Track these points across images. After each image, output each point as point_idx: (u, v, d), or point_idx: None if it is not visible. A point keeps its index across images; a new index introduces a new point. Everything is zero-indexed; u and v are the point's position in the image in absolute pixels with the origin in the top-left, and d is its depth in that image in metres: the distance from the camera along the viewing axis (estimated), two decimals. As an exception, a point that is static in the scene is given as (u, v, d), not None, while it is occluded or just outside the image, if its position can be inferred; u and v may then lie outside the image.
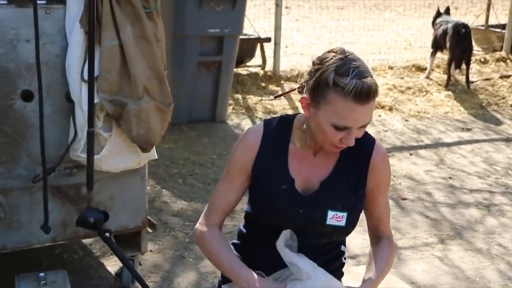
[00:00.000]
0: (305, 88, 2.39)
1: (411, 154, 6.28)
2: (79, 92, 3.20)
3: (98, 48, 3.19)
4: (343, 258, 2.70)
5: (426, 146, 6.53)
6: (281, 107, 7.64)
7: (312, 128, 2.42)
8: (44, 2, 3.23)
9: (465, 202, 5.25)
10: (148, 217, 3.80)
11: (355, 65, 2.30)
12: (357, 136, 2.38)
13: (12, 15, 3.14)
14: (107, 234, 3.18)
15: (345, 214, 2.48)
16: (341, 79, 2.26)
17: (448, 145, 6.59)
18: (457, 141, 6.73)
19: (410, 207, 5.11)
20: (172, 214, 4.78)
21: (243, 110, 7.16)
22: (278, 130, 2.56)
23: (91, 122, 3.15)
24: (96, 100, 3.20)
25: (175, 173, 5.48)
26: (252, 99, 7.52)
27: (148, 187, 5.07)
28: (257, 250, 2.56)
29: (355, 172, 2.52)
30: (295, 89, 2.57)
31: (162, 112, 3.42)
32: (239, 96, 7.49)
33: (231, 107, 7.10)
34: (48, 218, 3.28)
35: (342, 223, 2.48)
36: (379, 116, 7.35)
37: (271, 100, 6.80)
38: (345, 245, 2.72)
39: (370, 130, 6.63)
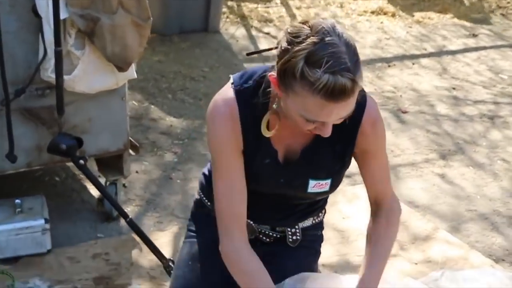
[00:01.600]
0: (276, 61, 2.05)
1: (413, 64, 6.10)
2: (46, 6, 3.03)
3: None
4: (324, 206, 2.62)
5: (429, 55, 6.34)
6: (277, 14, 7.36)
7: (283, 109, 2.14)
8: None
9: (468, 115, 5.12)
10: (131, 138, 3.66)
11: (331, 53, 1.93)
12: (335, 123, 2.11)
13: None
14: (82, 162, 3.07)
15: (328, 181, 2.34)
16: (310, 72, 1.92)
17: (453, 53, 6.40)
18: (462, 48, 6.53)
19: (410, 121, 4.98)
20: (160, 132, 4.65)
21: (238, 19, 6.92)
22: (254, 98, 2.29)
23: (58, 40, 2.99)
24: (65, 15, 3.04)
25: (165, 87, 5.33)
26: (247, 7, 7.26)
27: (136, 103, 4.98)
28: None
29: (341, 140, 2.31)
30: (271, 49, 2.29)
31: (139, 27, 3.26)
32: (233, 3, 7.26)
33: (225, 15, 6.86)
34: (13, 146, 3.18)
35: (326, 188, 2.35)
36: (381, 23, 7.11)
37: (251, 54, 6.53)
38: (326, 202, 2.65)
39: (371, 37, 6.64)
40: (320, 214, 2.63)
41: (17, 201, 3.32)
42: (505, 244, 3.65)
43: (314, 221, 2.60)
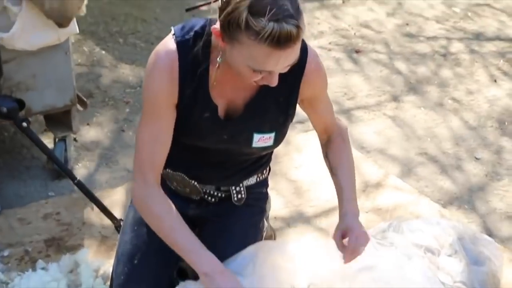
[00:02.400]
0: (218, 14, 2.03)
1: (366, -1, 6.01)
2: None
3: None
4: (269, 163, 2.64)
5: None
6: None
7: (228, 61, 2.13)
8: None
9: (420, 53, 5.11)
10: (78, 93, 3.60)
11: (273, 1, 1.93)
12: (282, 71, 2.13)
13: None
14: (25, 124, 3.01)
15: (272, 135, 2.36)
16: (254, 21, 1.92)
17: None
18: None
19: (363, 61, 4.96)
20: (112, 80, 4.58)
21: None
22: (194, 51, 2.30)
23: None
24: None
25: (116, 31, 5.24)
26: None
27: (86, 49, 4.89)
28: (173, 157, 2.38)
29: (284, 91, 2.30)
30: (209, 3, 2.29)
31: None
32: None
33: None
34: None
35: (270, 143, 2.37)
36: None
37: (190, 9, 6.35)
38: (270, 158, 2.67)
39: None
40: (265, 171, 2.65)
41: None
42: (453, 188, 3.69)
43: (258, 179, 2.61)
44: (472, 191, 3.65)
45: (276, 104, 2.33)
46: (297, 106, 2.37)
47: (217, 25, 2.04)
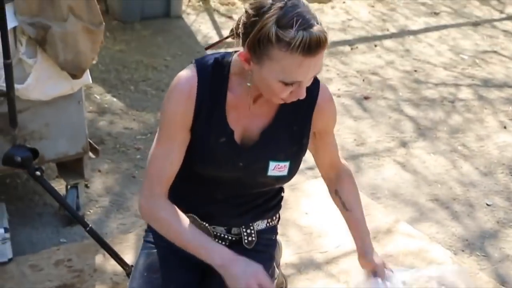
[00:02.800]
0: (242, 40, 2.14)
1: (376, 46, 6.07)
2: None
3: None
4: (281, 193, 2.65)
5: (391, 36, 6.31)
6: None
7: (256, 83, 2.21)
8: None
9: (429, 98, 5.11)
10: (90, 141, 3.62)
11: (299, 13, 2.05)
12: (307, 85, 2.22)
13: None
14: (38, 173, 3.02)
15: (287, 164, 2.39)
16: (284, 33, 2.03)
17: (414, 33, 6.37)
18: (424, 28, 6.49)
19: (372, 107, 4.97)
20: (123, 127, 4.60)
21: (200, 3, 6.84)
22: (213, 77, 2.37)
23: (6, 53, 2.92)
24: (14, 24, 3.02)
25: (127, 79, 5.27)
26: (210, -5, 7.21)
27: (98, 96, 4.93)
28: (185, 195, 2.46)
29: (298, 120, 2.38)
30: (228, 37, 2.36)
31: (91, 34, 3.22)
32: (197, -13, 7.20)
33: (187, 2, 6.79)
34: None
35: (284, 172, 2.40)
36: (344, 3, 7.05)
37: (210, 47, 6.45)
38: (283, 191, 2.69)
39: (333, 20, 6.63)
40: (275, 217, 2.66)
41: None
42: (464, 234, 3.66)
43: (268, 224, 2.63)
44: (484, 237, 3.62)
45: (291, 133, 2.39)
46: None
47: (242, 50, 2.13)
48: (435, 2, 7.20)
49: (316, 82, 2.34)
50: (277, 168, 2.37)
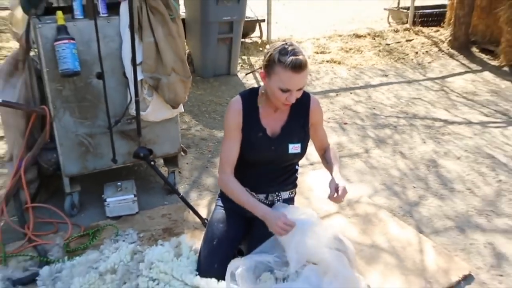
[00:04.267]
0: (263, 67, 2.31)
1: (351, 93, 6.05)
2: (130, 72, 3.05)
3: (141, 43, 3.03)
4: (297, 173, 2.67)
5: (360, 87, 6.27)
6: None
7: (268, 93, 2.34)
8: (106, 14, 3.05)
9: (382, 124, 5.09)
10: (182, 145, 3.67)
11: (292, 48, 2.21)
12: (297, 96, 2.31)
13: (86, 25, 2.97)
14: (152, 163, 3.12)
15: (299, 144, 2.47)
16: (282, 58, 2.20)
17: (374, 86, 6.33)
18: (379, 83, 6.46)
19: (348, 129, 4.95)
20: (201, 138, 4.65)
21: (248, 66, 6.91)
22: (250, 98, 2.48)
23: (136, 93, 3.04)
24: (140, 77, 3.08)
25: (204, 110, 5.33)
26: (253, 59, 7.24)
27: (187, 120, 5.00)
28: (244, 176, 2.51)
29: (302, 117, 2.48)
30: (260, 68, 2.52)
31: (184, 83, 3.28)
32: (245, 57, 7.24)
33: (239, 65, 6.86)
34: (115, 153, 3.21)
35: (299, 150, 2.47)
36: (332, 67, 7.06)
37: (248, 73, 6.52)
38: (298, 165, 2.68)
39: (325, 76, 6.66)
40: (293, 191, 2.69)
41: (119, 183, 3.37)
42: (400, 204, 3.56)
43: (290, 195, 2.66)
44: (412, 205, 3.54)
45: (299, 126, 2.49)
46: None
47: (261, 70, 2.31)
48: (386, 69, 7.15)
49: (308, 95, 2.48)
50: (294, 148, 2.46)
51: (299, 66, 2.20)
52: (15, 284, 2.63)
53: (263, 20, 8.18)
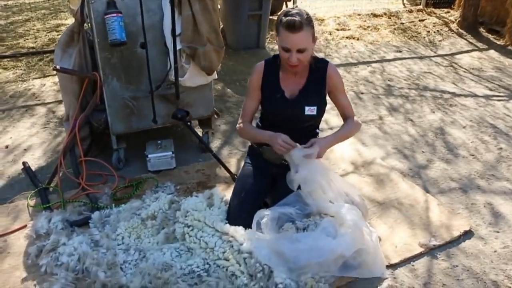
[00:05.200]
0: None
1: (367, 66, 5.86)
2: (171, 42, 3.00)
3: (180, 17, 2.96)
4: (317, 136, 2.58)
5: (376, 61, 6.06)
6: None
7: (279, 51, 2.30)
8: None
9: (395, 94, 4.93)
10: (215, 108, 3.63)
11: (292, 12, 2.16)
12: (300, 58, 2.22)
13: (132, 0, 2.92)
14: (189, 123, 3.12)
15: (315, 107, 2.38)
16: (282, 19, 2.16)
17: (388, 60, 6.11)
18: (393, 58, 6.23)
19: (364, 99, 4.81)
20: (232, 103, 4.59)
21: (275, 41, 6.71)
22: (273, 62, 2.43)
23: (175, 60, 2.99)
24: (179, 47, 3.02)
25: (235, 79, 5.24)
26: (280, 34, 7.10)
27: (220, 88, 4.92)
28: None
29: (318, 82, 2.39)
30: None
31: (218, 52, 3.21)
32: (272, 32, 7.03)
33: (267, 39, 6.67)
34: (155, 115, 3.19)
35: (314, 112, 2.39)
36: (351, 43, 6.83)
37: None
38: (319, 129, 2.61)
39: (345, 50, 6.50)
40: None
41: (159, 141, 3.36)
42: (410, 165, 3.48)
43: None
44: (420, 168, 3.44)
45: (315, 90, 2.40)
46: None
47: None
48: (400, 45, 6.88)
49: (326, 62, 2.39)
50: (310, 110, 2.38)
51: (292, 26, 2.15)
52: (72, 225, 2.68)
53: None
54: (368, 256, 2.24)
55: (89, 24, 3.06)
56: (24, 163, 3.34)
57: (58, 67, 2.98)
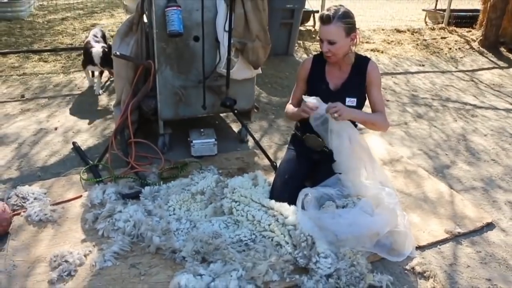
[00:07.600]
0: None
1: (392, 77, 6.03)
2: (222, 37, 3.18)
3: (233, 14, 3.13)
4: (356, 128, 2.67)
5: (400, 73, 6.23)
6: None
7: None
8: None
9: (419, 104, 5.07)
10: (255, 103, 3.78)
11: (331, 7, 2.32)
12: (331, 50, 2.36)
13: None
14: (236, 111, 3.27)
15: (355, 99, 2.50)
16: (322, 13, 2.35)
17: (412, 73, 6.27)
18: (416, 71, 6.39)
19: (390, 105, 4.96)
20: (265, 103, 4.76)
21: (303, 49, 6.95)
22: (320, 57, 2.57)
23: (229, 52, 3.15)
24: (231, 41, 3.19)
25: (267, 81, 5.42)
26: (307, 43, 7.26)
27: (257, 87, 5.10)
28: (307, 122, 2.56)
29: (359, 77, 2.50)
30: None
31: (264, 48, 3.37)
32: (300, 41, 7.25)
33: (296, 47, 6.88)
34: (205, 102, 3.34)
35: (354, 103, 2.50)
36: (376, 55, 7.01)
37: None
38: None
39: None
40: None
41: (202, 129, 3.50)
42: (434, 165, 3.61)
43: None
44: (443, 167, 3.56)
45: (356, 83, 2.52)
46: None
47: None
48: (423, 60, 7.04)
49: (367, 59, 2.51)
50: (350, 102, 2.49)
51: (322, 17, 2.35)
52: (124, 197, 2.82)
53: (317, 11, 8.15)
54: (399, 237, 2.40)
55: (146, 16, 3.24)
56: (74, 143, 3.52)
57: (118, 53, 3.18)
